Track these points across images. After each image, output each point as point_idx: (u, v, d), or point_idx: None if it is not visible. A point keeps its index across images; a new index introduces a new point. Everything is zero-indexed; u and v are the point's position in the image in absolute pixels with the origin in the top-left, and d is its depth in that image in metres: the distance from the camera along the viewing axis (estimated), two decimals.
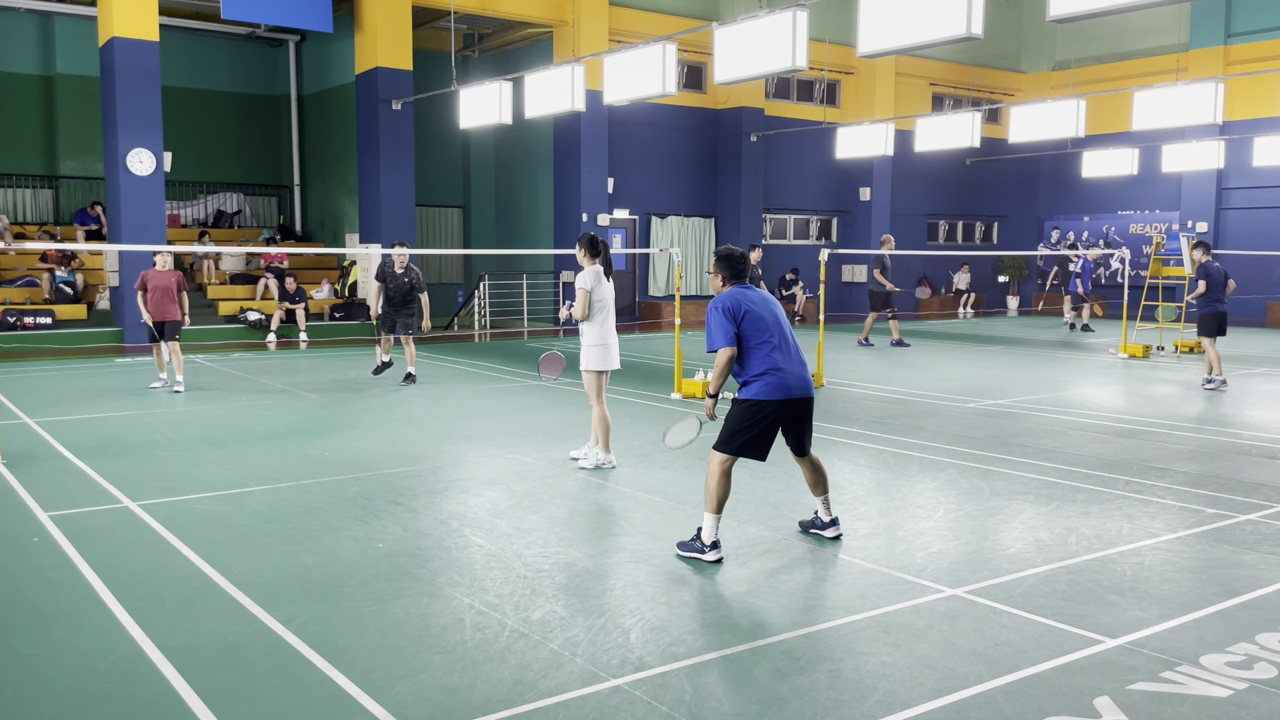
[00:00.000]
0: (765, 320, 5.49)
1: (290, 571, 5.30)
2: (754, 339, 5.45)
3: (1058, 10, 8.41)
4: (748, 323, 5.45)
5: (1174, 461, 8.22)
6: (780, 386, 5.42)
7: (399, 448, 8.62)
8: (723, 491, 5.47)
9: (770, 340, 5.45)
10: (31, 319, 16.86)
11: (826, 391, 12.10)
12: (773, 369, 5.42)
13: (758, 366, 5.45)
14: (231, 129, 22.72)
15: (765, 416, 5.44)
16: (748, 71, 11.51)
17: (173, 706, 3.75)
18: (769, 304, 5.62)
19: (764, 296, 5.64)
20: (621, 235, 22.76)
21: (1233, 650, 4.30)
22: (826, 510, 5.92)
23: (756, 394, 5.43)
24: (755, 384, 5.45)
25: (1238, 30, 24.02)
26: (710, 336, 5.52)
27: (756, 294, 5.62)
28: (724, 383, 5.50)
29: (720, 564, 5.41)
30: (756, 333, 5.45)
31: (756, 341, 5.45)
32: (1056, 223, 28.90)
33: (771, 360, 5.43)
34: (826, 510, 5.92)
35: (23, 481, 7.25)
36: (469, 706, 3.74)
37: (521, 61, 22.29)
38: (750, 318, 5.46)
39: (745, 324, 5.45)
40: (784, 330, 5.58)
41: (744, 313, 5.46)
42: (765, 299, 5.63)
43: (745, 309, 5.48)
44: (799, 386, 5.49)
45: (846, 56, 23.77)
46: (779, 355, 5.45)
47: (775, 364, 5.42)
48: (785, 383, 5.43)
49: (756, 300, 5.56)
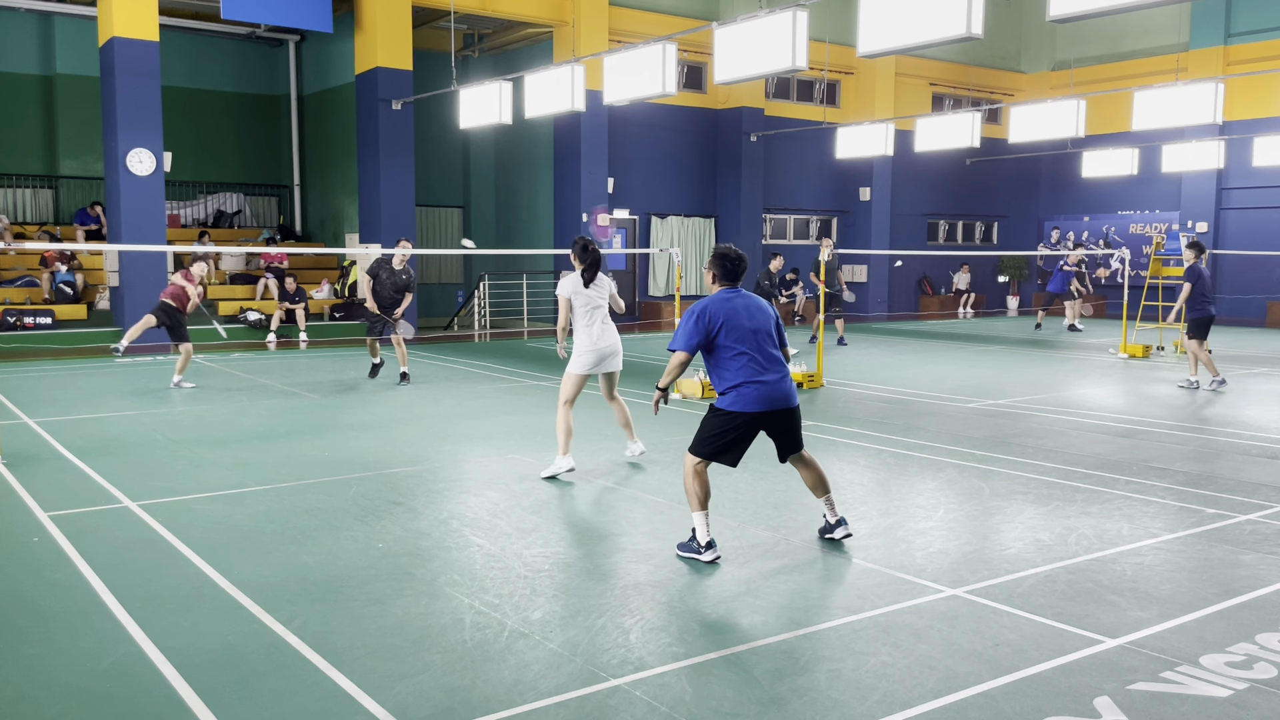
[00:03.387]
0: (744, 330, 5.42)
1: (290, 571, 5.30)
2: (731, 349, 5.40)
3: (1058, 10, 8.40)
4: (725, 333, 5.41)
5: (1174, 461, 8.22)
6: (755, 399, 5.37)
7: (399, 448, 8.62)
8: (700, 489, 5.48)
9: (747, 351, 5.39)
10: (31, 319, 16.86)
11: (826, 391, 12.10)
12: (749, 380, 5.37)
13: (734, 377, 5.41)
14: (231, 129, 22.71)
15: (737, 427, 5.42)
16: (748, 71, 11.50)
17: (173, 706, 3.75)
18: (755, 313, 5.52)
19: (751, 305, 5.54)
20: (621, 235, 22.76)
21: (1233, 650, 4.30)
22: (831, 511, 5.86)
23: (730, 404, 5.42)
24: (730, 394, 5.42)
25: (1238, 30, 24.02)
26: (675, 335, 5.55)
27: (743, 301, 5.53)
28: (674, 381, 5.57)
29: (718, 564, 5.40)
30: (734, 342, 5.40)
31: (733, 352, 5.40)
32: (1056, 223, 28.89)
33: (748, 372, 5.38)
34: (831, 511, 5.86)
35: (23, 481, 7.25)
36: (469, 706, 3.74)
37: (521, 61, 22.29)
38: (728, 328, 5.41)
39: (722, 334, 5.41)
40: (763, 342, 5.47)
41: (720, 323, 5.41)
42: (752, 308, 5.53)
43: (723, 319, 5.42)
44: (779, 398, 5.44)
45: (846, 56, 23.76)
46: (756, 366, 5.39)
47: (751, 376, 5.38)
48: (762, 395, 5.38)
49: (740, 309, 5.48)
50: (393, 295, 12.25)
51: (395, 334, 12.37)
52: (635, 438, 8.14)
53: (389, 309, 12.28)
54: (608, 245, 21.74)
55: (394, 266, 12.22)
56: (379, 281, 12.25)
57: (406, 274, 12.28)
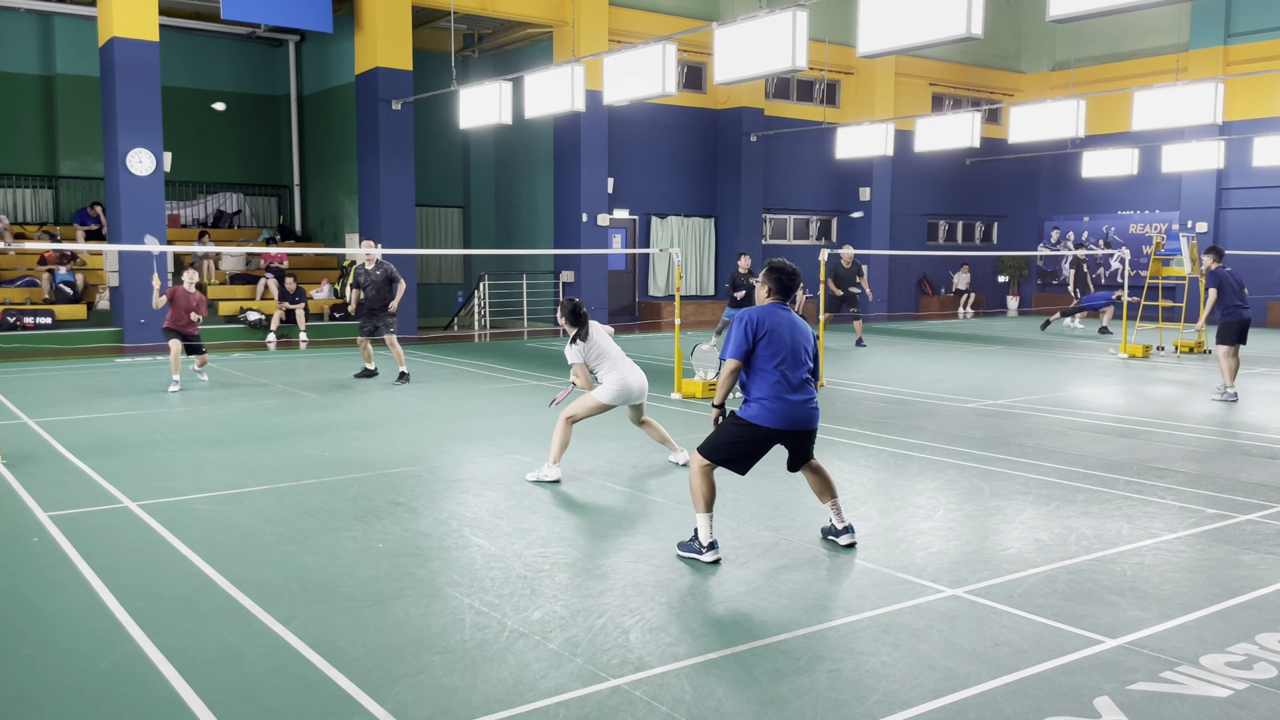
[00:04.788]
0: (784, 344, 5.40)
1: (290, 571, 5.30)
2: (767, 361, 5.38)
3: (1058, 10, 8.40)
4: (766, 343, 5.39)
5: (1174, 461, 8.22)
6: (779, 416, 5.38)
7: (399, 448, 8.62)
8: (707, 490, 5.46)
9: (782, 366, 5.37)
10: (31, 319, 16.86)
11: (826, 391, 12.10)
12: (776, 396, 5.36)
13: (761, 390, 5.40)
14: (231, 129, 22.71)
15: (755, 439, 5.43)
16: (748, 71, 11.50)
17: (173, 706, 3.75)
18: (796, 330, 5.50)
19: (796, 322, 5.53)
20: (621, 235, 22.77)
21: (1233, 650, 4.30)
22: (839, 517, 5.81)
23: (753, 416, 5.41)
24: (755, 406, 5.42)
25: (1238, 30, 24.02)
26: (725, 345, 5.50)
27: (788, 316, 5.52)
28: (728, 394, 5.47)
29: (719, 564, 5.40)
30: (771, 355, 5.38)
31: (768, 365, 5.38)
32: (1056, 223, 28.90)
33: (778, 388, 5.37)
34: (839, 517, 5.81)
35: (23, 481, 7.25)
36: (469, 706, 3.74)
37: (521, 61, 22.29)
38: (771, 338, 5.39)
39: (763, 344, 5.39)
40: (801, 359, 5.46)
41: (765, 331, 5.40)
42: (796, 325, 5.52)
43: (768, 328, 5.41)
44: (801, 419, 5.45)
45: (846, 56, 23.76)
46: (785, 384, 5.38)
47: (780, 392, 5.37)
48: (786, 413, 5.39)
49: (784, 323, 5.47)
50: (381, 295, 12.41)
51: (389, 333, 12.50)
52: (677, 446, 7.89)
53: (383, 309, 12.45)
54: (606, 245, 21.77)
55: (368, 268, 12.44)
56: (364, 289, 12.48)
57: (381, 269, 12.44)
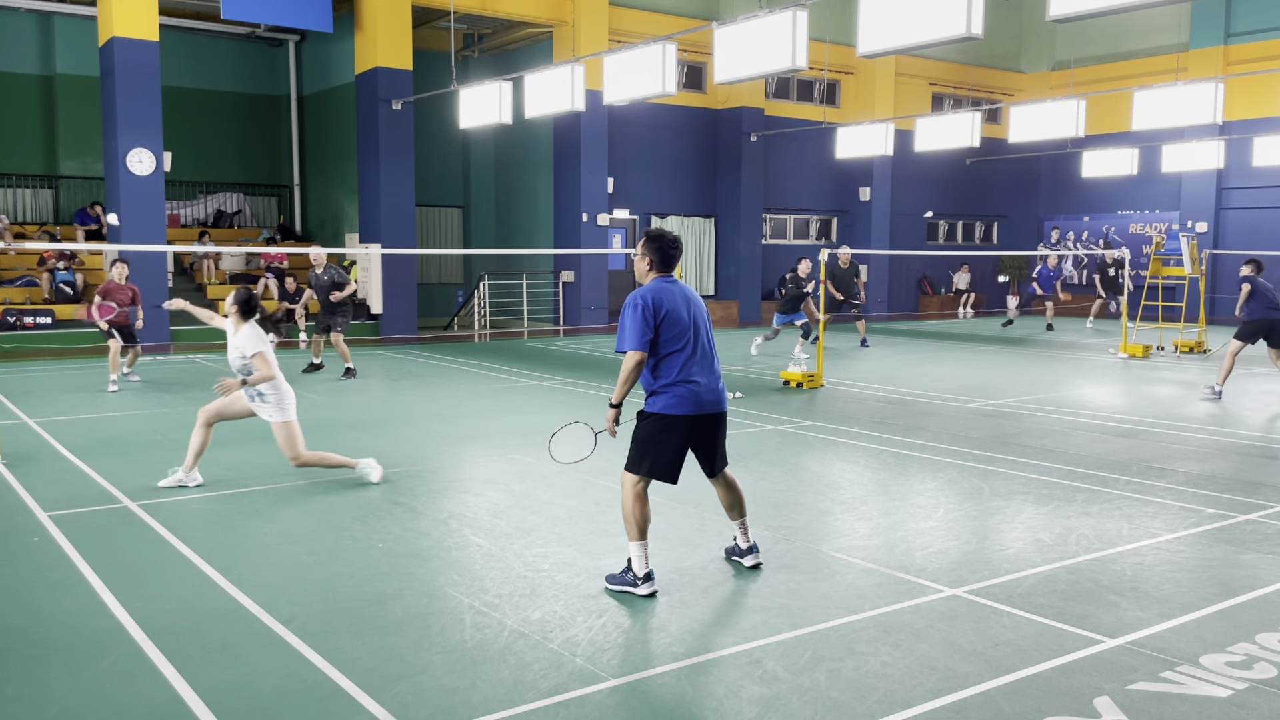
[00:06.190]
0: (684, 323, 4.88)
1: (290, 571, 5.30)
2: (669, 344, 4.85)
3: (1058, 10, 8.40)
4: (666, 325, 4.83)
5: (1174, 461, 8.22)
6: (690, 401, 4.86)
7: (399, 448, 8.62)
8: (641, 516, 4.91)
9: (685, 347, 4.87)
10: (31, 319, 16.86)
11: (826, 391, 12.10)
12: (684, 380, 4.85)
13: (668, 376, 4.87)
14: (231, 129, 22.72)
15: (675, 433, 4.89)
16: (748, 71, 11.51)
17: (173, 706, 3.75)
18: (692, 303, 4.98)
19: (690, 295, 5.02)
20: (621, 235, 22.77)
21: (1233, 650, 4.30)
22: (744, 536, 5.38)
23: (664, 407, 4.88)
24: (663, 396, 4.88)
25: (1238, 30, 24.03)
26: (620, 335, 4.88)
27: (681, 290, 4.98)
28: (629, 391, 4.91)
29: (654, 597, 4.89)
30: (673, 337, 4.84)
31: (671, 348, 4.85)
32: (1056, 223, 28.90)
33: (685, 370, 4.86)
34: (744, 536, 5.38)
35: (23, 481, 7.25)
36: (469, 706, 3.74)
37: (521, 61, 22.29)
38: (669, 319, 4.84)
39: (664, 327, 4.83)
40: (703, 335, 4.97)
41: (665, 313, 4.83)
42: (690, 298, 5.00)
43: (666, 309, 4.84)
44: (711, 400, 4.94)
45: (846, 56, 23.76)
46: (693, 364, 4.88)
47: (688, 374, 4.86)
48: (697, 396, 4.88)
49: (679, 299, 4.92)
50: (327, 299, 13.09)
51: (338, 332, 13.06)
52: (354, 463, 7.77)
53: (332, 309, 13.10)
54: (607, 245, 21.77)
55: (317, 273, 13.20)
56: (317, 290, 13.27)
57: (328, 274, 13.12)
